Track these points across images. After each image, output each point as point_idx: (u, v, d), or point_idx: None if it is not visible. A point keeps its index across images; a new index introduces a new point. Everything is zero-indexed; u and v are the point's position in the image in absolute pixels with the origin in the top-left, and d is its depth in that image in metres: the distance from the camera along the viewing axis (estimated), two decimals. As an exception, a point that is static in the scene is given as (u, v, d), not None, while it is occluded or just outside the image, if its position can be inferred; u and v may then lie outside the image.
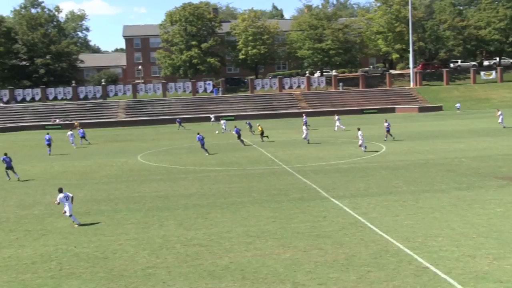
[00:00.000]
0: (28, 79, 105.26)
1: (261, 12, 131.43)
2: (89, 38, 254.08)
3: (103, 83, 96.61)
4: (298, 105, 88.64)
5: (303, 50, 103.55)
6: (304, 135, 44.79)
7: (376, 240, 16.56)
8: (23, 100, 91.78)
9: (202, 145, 40.30)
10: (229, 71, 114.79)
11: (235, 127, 46.68)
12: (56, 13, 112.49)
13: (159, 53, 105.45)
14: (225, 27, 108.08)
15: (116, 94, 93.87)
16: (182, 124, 69.00)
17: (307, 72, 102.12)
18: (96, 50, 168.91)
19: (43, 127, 76.36)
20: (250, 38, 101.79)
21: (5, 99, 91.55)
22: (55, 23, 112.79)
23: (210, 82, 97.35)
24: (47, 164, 37.84)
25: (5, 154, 32.38)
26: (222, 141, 48.47)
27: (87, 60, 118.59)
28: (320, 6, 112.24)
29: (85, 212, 22.01)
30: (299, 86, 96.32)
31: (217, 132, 57.86)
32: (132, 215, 21.22)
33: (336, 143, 43.98)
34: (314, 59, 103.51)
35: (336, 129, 54.81)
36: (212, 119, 73.30)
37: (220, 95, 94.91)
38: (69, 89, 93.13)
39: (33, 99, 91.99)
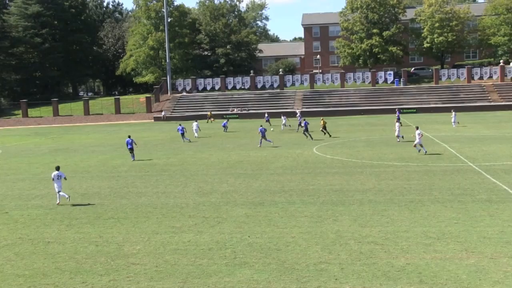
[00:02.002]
0: (209, 69, 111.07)
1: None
2: (268, 27, 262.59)
3: (280, 73, 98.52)
4: (489, 97, 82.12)
5: (498, 37, 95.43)
6: (396, 133, 41.89)
7: None
8: (204, 89, 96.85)
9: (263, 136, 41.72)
10: (412, 61, 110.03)
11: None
12: (237, 3, 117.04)
13: (338, 42, 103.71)
14: (409, 14, 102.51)
15: (293, 84, 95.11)
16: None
17: (501, 61, 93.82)
18: (275, 40, 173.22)
19: (221, 116, 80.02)
20: (437, 24, 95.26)
21: (188, 88, 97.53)
22: (236, 13, 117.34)
23: (391, 72, 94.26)
24: (224, 153, 39.24)
25: (129, 136, 37.67)
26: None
27: (266, 49, 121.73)
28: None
29: (259, 202, 22.16)
30: (490, 77, 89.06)
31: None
32: (305, 208, 20.88)
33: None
34: (510, 46, 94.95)
35: (454, 125, 52.22)
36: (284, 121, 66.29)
37: (401, 86, 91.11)
38: (247, 78, 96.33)
39: (213, 89, 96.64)
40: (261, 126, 44.91)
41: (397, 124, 43.47)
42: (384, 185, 24.75)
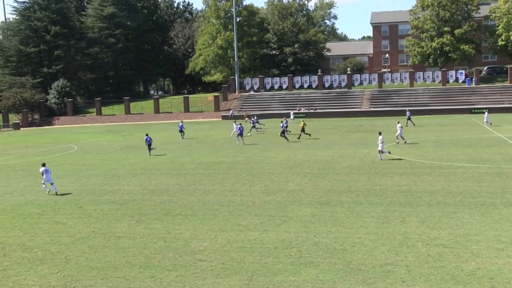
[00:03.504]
0: (276, 68, 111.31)
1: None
2: (336, 26, 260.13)
3: (348, 72, 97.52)
4: None
5: None
6: (398, 133, 41.27)
7: None
8: (271, 88, 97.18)
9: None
10: (485, 59, 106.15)
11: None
12: (305, 2, 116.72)
13: (407, 40, 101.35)
14: (483, 11, 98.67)
15: (361, 83, 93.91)
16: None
17: None
18: (343, 38, 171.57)
19: (288, 115, 79.88)
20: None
21: (255, 87, 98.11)
22: (304, 12, 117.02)
23: (463, 71, 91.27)
24: (291, 152, 39.24)
25: (147, 135, 41.74)
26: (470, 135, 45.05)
27: (334, 48, 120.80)
28: None
29: (325, 202, 22.05)
30: None
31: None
32: (372, 208, 20.61)
33: None
34: None
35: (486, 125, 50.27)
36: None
37: (473, 85, 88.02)
38: (315, 77, 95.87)
39: (280, 87, 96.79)
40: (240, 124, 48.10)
41: (398, 125, 42.48)
42: (454, 186, 24.06)
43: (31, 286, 13.97)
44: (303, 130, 48.55)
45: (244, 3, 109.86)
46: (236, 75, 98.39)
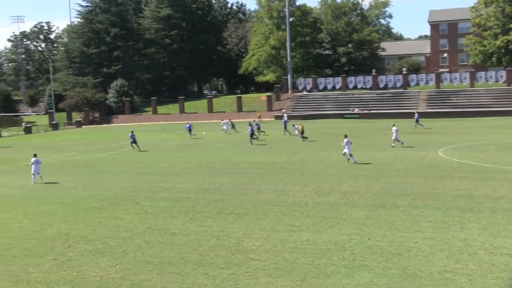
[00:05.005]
0: (330, 68, 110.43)
1: None
2: (391, 25, 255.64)
3: (404, 72, 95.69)
4: None
5: None
6: (394, 136, 40.59)
7: None
8: (325, 89, 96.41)
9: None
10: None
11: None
12: (360, 1, 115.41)
13: (468, 38, 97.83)
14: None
15: (417, 84, 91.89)
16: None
17: None
18: (399, 38, 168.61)
19: (342, 116, 79.26)
20: None
21: (308, 87, 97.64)
22: (358, 11, 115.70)
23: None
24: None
25: (132, 132, 46.39)
26: None
27: (389, 48, 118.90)
28: None
29: (380, 204, 21.67)
30: None
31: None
32: (429, 212, 20.08)
33: None
34: None
35: None
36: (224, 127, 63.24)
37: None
38: (369, 78, 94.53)
39: (333, 88, 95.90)
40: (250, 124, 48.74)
41: (394, 128, 41.72)
42: (519, 192, 23.14)
43: (92, 276, 14.44)
44: (302, 132, 48.60)
45: (297, 3, 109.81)
46: (289, 75, 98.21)
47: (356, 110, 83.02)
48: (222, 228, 18.81)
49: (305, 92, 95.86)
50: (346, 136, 34.21)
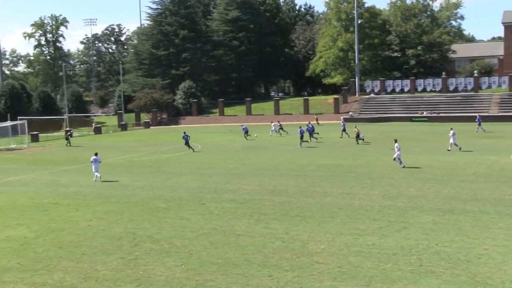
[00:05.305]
0: (398, 70, 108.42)
1: None
2: (463, 27, 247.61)
3: (475, 75, 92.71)
4: None
5: None
6: (451, 140, 40.60)
7: None
8: (392, 91, 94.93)
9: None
10: None
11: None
12: (430, 2, 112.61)
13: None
14: None
15: (489, 87, 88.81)
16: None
17: None
18: (470, 39, 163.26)
19: (409, 119, 77.66)
20: None
21: (376, 90, 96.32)
22: (428, 12, 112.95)
23: None
24: (412, 156, 37.93)
25: (184, 133, 47.96)
26: None
27: (460, 50, 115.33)
28: None
29: (448, 209, 21.16)
30: None
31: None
32: (501, 219, 19.43)
33: None
34: None
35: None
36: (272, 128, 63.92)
37: None
38: (439, 80, 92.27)
39: (402, 91, 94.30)
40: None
41: (452, 131, 40.65)
42: None
43: (158, 276, 14.76)
44: (357, 136, 48.46)
45: (366, 5, 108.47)
46: (356, 78, 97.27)
47: (424, 113, 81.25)
48: (287, 231, 18.89)
49: (372, 95, 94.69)
50: (396, 141, 34.04)
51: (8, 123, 66.50)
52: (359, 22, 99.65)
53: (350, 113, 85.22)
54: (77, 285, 14.27)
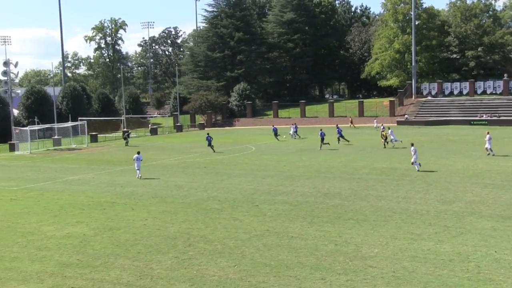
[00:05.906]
0: (457, 72, 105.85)
1: None
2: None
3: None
4: None
5: None
6: (487, 144, 39.25)
7: None
8: (451, 94, 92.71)
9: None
10: None
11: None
12: (492, 1, 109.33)
13: None
14: None
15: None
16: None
17: None
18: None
19: (469, 122, 75.62)
20: None
21: (433, 92, 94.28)
22: (490, 12, 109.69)
23: None
24: (470, 160, 37.11)
25: (208, 134, 50.65)
26: None
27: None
28: None
29: (509, 216, 20.48)
30: None
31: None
32: None
33: None
34: None
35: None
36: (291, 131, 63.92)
37: None
38: (500, 82, 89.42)
39: (460, 93, 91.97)
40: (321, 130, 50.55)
41: (488, 135, 39.16)
42: None
43: (211, 276, 14.96)
44: (386, 139, 48.02)
45: (424, 5, 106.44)
46: (413, 80, 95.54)
47: (484, 116, 78.88)
48: (340, 234, 18.77)
49: (429, 97, 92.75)
50: (412, 145, 33.82)
51: (69, 124, 68.86)
52: (417, 23, 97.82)
53: (406, 116, 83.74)
54: (133, 283, 14.62)
